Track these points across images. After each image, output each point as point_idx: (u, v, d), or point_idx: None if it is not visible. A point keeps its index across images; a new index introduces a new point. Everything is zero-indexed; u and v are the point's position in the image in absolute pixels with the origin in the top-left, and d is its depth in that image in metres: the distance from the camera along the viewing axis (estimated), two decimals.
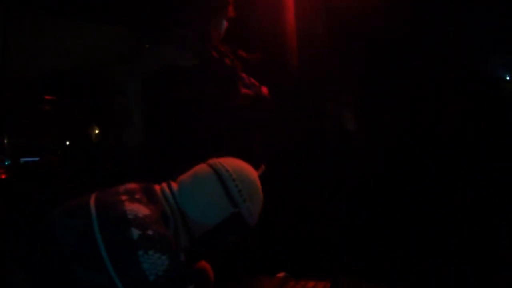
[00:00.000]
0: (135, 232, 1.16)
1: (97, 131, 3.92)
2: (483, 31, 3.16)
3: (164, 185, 1.41)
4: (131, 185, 1.35)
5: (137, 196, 1.28)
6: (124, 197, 1.26)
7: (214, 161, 1.43)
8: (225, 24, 2.33)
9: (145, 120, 2.19)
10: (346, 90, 3.30)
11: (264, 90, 2.43)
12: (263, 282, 1.86)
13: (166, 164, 1.94)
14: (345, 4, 3.03)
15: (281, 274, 1.88)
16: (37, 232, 1.28)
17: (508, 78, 3.26)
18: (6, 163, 2.63)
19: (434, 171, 2.93)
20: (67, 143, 3.71)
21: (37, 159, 3.16)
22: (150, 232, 1.17)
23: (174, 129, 2.20)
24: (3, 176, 2.27)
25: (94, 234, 1.17)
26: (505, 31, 3.07)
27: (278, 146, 2.70)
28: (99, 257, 1.14)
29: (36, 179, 2.66)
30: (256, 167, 1.48)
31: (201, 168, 1.43)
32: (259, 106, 2.40)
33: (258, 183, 1.45)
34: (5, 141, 2.76)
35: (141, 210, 1.22)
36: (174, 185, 1.41)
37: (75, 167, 3.22)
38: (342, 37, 3.13)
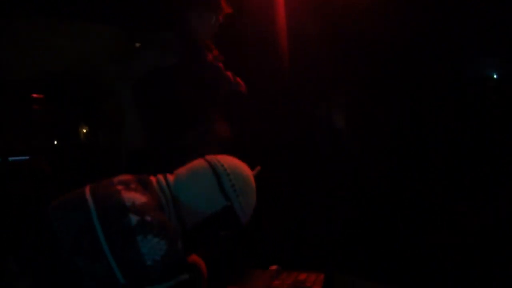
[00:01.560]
0: (134, 218, 1.17)
1: (85, 131, 3.89)
2: (471, 32, 3.21)
3: (160, 176, 1.43)
4: (125, 176, 1.36)
5: (132, 186, 1.29)
6: (120, 187, 1.27)
7: (211, 157, 1.47)
8: (217, 19, 2.32)
9: (139, 121, 2.21)
10: (337, 91, 3.32)
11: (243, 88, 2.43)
12: (256, 274, 1.87)
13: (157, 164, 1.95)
14: (336, 4, 3.04)
15: (274, 267, 1.90)
16: (32, 227, 1.28)
17: (495, 77, 3.32)
18: None
19: (426, 169, 2.96)
20: (55, 142, 3.68)
21: (26, 158, 3.13)
22: (148, 218, 1.18)
23: (163, 131, 2.21)
24: None
25: (93, 224, 1.18)
26: (493, 32, 3.12)
27: (271, 143, 2.71)
28: (99, 246, 1.15)
29: (26, 177, 2.65)
30: (251, 166, 1.51)
31: (198, 162, 1.46)
32: (242, 103, 2.41)
33: (253, 182, 1.48)
34: None
35: (138, 197, 1.24)
36: (170, 177, 1.43)
37: (64, 166, 3.20)
38: (333, 38, 3.15)
